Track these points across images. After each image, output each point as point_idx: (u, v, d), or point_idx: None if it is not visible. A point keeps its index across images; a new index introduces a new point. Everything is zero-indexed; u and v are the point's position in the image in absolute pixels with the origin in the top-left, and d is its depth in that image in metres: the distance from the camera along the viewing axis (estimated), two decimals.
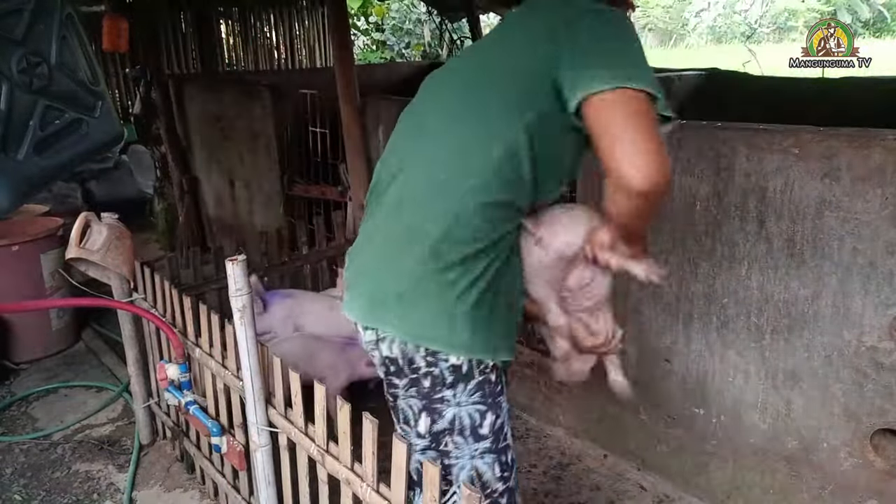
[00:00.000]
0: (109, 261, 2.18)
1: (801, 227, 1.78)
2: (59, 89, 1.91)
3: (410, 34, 11.44)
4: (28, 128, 1.82)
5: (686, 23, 23.68)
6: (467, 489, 1.12)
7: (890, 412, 1.73)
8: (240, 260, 1.60)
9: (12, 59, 1.77)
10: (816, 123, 1.78)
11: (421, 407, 1.27)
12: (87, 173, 5.69)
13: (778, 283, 1.86)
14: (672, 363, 2.18)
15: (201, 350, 2.05)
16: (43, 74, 1.85)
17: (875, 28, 18.81)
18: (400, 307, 1.20)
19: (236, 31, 7.42)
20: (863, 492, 1.84)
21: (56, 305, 3.35)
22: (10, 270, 3.20)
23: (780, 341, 1.90)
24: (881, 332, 1.70)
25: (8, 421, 2.82)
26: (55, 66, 1.90)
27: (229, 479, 2.12)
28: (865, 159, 1.63)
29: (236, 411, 1.95)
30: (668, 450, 2.28)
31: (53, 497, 2.34)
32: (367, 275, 1.28)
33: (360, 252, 1.33)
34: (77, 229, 2.13)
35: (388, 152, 1.37)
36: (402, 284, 1.20)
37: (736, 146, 1.86)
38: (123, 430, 2.72)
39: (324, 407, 1.55)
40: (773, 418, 1.97)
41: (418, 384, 1.24)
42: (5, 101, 1.74)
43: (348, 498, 1.50)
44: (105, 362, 3.28)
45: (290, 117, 3.70)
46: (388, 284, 1.22)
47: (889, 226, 1.63)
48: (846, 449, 1.84)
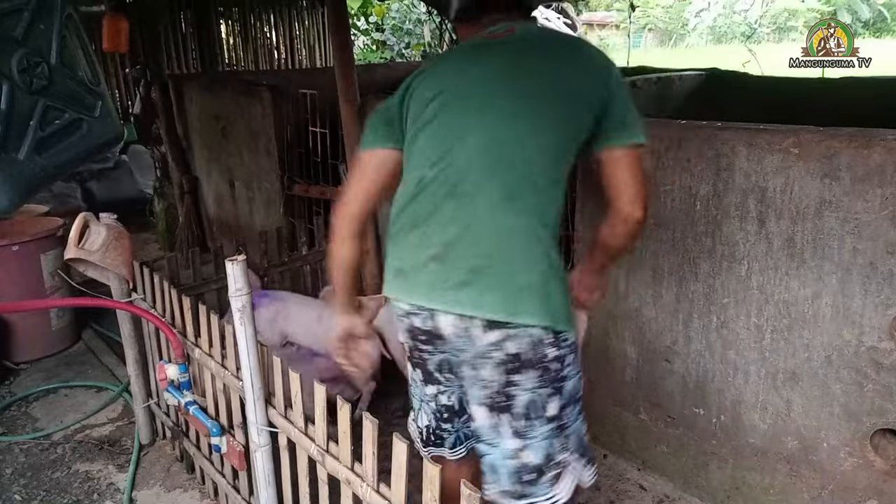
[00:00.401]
0: (108, 261, 2.18)
1: (801, 227, 1.78)
2: (60, 89, 1.91)
3: (410, 34, 11.44)
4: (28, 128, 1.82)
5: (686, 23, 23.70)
6: (467, 489, 1.12)
7: (890, 412, 1.73)
8: (240, 260, 1.60)
9: (13, 59, 1.77)
10: (816, 123, 1.79)
11: (550, 392, 1.36)
12: (87, 173, 5.69)
13: (778, 283, 1.87)
14: (672, 363, 2.18)
15: (201, 350, 2.05)
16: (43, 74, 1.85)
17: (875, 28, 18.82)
18: (536, 297, 1.30)
19: (236, 31, 7.42)
20: (863, 492, 1.84)
21: (55, 305, 3.35)
22: (10, 270, 3.20)
23: (780, 341, 1.90)
24: (881, 332, 1.70)
25: (8, 421, 2.82)
26: (55, 66, 1.90)
27: (229, 480, 2.12)
28: (865, 159, 1.63)
29: (236, 411, 1.95)
30: (668, 450, 2.28)
31: (53, 497, 2.34)
32: (490, 272, 1.30)
33: (454, 249, 1.32)
34: (76, 230, 2.13)
35: (438, 139, 1.38)
36: (532, 276, 1.30)
37: (736, 146, 1.86)
38: (123, 430, 2.72)
39: (324, 407, 1.55)
40: (773, 418, 1.97)
41: (547, 371, 1.34)
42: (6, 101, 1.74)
43: (348, 498, 1.50)
44: (105, 362, 3.28)
45: (290, 117, 3.70)
46: (520, 278, 1.30)
47: (889, 226, 1.63)
48: (846, 449, 1.84)
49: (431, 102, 1.40)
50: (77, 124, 1.98)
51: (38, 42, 1.86)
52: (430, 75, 1.46)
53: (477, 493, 1.11)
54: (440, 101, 1.39)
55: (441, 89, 1.40)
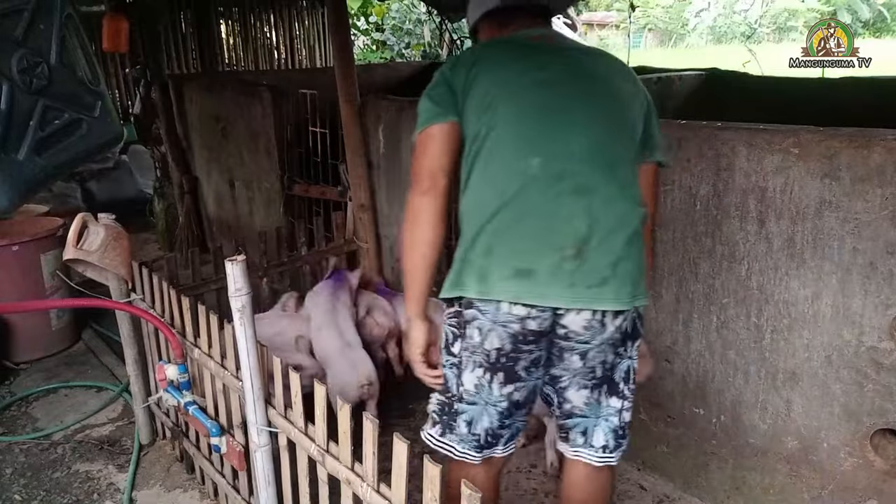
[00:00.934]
0: (107, 261, 2.17)
1: (801, 227, 1.78)
2: (59, 89, 1.91)
3: (410, 34, 11.44)
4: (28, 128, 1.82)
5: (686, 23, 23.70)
6: (468, 489, 1.12)
7: (890, 412, 1.73)
8: (239, 260, 1.60)
9: (12, 59, 1.77)
10: (816, 123, 1.79)
11: (633, 363, 1.53)
12: (87, 173, 5.69)
13: (778, 283, 1.86)
14: (672, 363, 2.18)
15: (200, 350, 2.05)
16: (43, 74, 1.85)
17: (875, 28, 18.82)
18: (643, 279, 1.44)
19: (236, 31, 7.42)
20: (863, 492, 1.84)
21: (54, 306, 3.36)
22: (10, 270, 3.20)
23: (780, 341, 1.90)
24: (881, 332, 1.70)
25: (8, 421, 2.82)
26: (55, 66, 1.90)
27: (229, 480, 2.12)
28: (865, 159, 1.63)
29: (235, 411, 1.95)
30: (668, 450, 2.28)
31: (53, 497, 2.34)
32: (624, 264, 1.38)
33: (589, 246, 1.34)
34: (74, 230, 2.13)
35: (533, 134, 1.39)
36: (642, 261, 1.44)
37: (736, 146, 1.86)
38: (123, 430, 2.72)
39: (324, 407, 1.55)
40: (773, 418, 1.97)
41: (636, 340, 1.51)
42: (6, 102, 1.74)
43: (348, 498, 1.50)
44: (105, 362, 3.28)
45: (290, 117, 3.70)
46: (641, 265, 1.43)
47: (889, 226, 1.63)
48: (846, 449, 1.84)
49: (504, 97, 1.40)
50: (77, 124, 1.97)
51: (38, 42, 1.86)
52: (492, 67, 1.44)
53: (478, 493, 1.11)
54: (520, 98, 1.40)
55: (515, 85, 1.41)
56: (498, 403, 1.47)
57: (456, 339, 1.50)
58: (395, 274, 3.23)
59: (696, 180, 1.97)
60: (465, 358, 1.47)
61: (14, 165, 1.79)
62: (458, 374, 1.49)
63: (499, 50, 1.51)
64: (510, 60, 1.46)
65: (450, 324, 1.52)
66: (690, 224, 2.01)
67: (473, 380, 1.46)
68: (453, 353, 1.51)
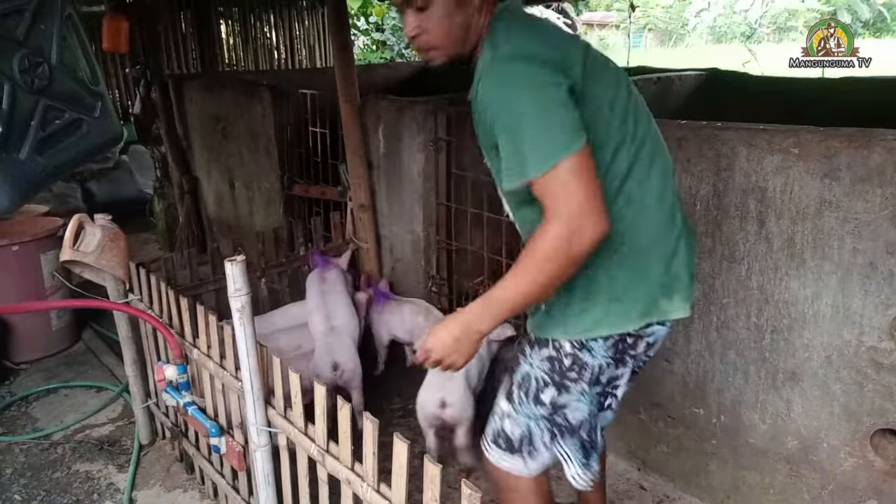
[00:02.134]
0: (104, 262, 2.17)
1: (801, 227, 1.78)
2: (60, 89, 1.91)
3: None
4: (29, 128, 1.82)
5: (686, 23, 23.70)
6: (468, 489, 1.12)
7: (890, 412, 1.73)
8: (239, 260, 1.60)
9: (13, 59, 1.77)
10: (816, 123, 1.78)
11: None
12: (87, 173, 5.69)
13: (778, 283, 1.86)
14: (672, 363, 2.18)
15: (199, 351, 2.05)
16: (44, 74, 1.85)
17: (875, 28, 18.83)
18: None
19: (236, 31, 7.42)
20: (863, 492, 1.84)
21: (54, 307, 3.35)
22: (10, 270, 3.20)
23: (780, 341, 1.90)
24: (881, 332, 1.70)
25: (8, 421, 2.82)
26: (56, 66, 1.90)
27: (229, 480, 2.12)
28: (865, 159, 1.63)
29: (235, 412, 1.95)
30: (668, 450, 2.28)
31: (53, 497, 2.34)
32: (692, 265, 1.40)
33: (686, 256, 1.37)
34: (70, 231, 2.13)
35: (628, 134, 1.28)
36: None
37: (736, 146, 1.86)
38: (123, 430, 2.72)
39: (324, 407, 1.55)
40: (773, 418, 1.97)
41: None
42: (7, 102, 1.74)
43: (348, 498, 1.50)
44: (105, 362, 3.28)
45: (290, 117, 3.70)
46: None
47: (889, 226, 1.63)
48: (846, 449, 1.84)
49: (611, 103, 1.26)
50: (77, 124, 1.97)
51: (39, 42, 1.86)
52: (574, 64, 1.21)
53: (478, 492, 1.11)
54: (614, 105, 1.27)
55: (604, 85, 1.27)
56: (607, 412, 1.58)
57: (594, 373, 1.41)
58: (397, 275, 3.23)
59: (696, 180, 1.97)
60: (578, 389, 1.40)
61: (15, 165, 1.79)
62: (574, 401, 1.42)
63: (552, 36, 1.28)
64: (576, 57, 1.24)
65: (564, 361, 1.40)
66: None
67: (579, 398, 1.41)
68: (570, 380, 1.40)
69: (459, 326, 1.27)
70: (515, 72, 1.16)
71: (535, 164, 1.12)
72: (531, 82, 1.14)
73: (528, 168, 1.13)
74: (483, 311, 1.26)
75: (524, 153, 1.13)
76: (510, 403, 1.45)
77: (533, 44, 1.21)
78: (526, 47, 1.19)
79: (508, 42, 1.21)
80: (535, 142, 1.13)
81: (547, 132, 1.12)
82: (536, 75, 1.15)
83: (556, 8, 11.48)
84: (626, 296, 1.31)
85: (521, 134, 1.13)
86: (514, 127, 1.14)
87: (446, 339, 1.28)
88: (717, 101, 4.04)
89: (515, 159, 1.15)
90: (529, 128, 1.13)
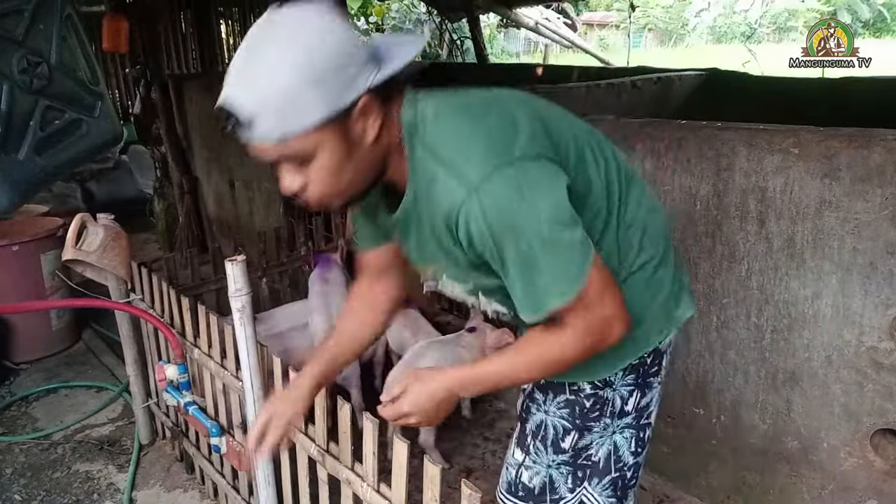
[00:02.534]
0: (106, 262, 2.17)
1: (801, 227, 1.78)
2: (59, 89, 1.91)
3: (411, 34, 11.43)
4: (28, 128, 1.83)
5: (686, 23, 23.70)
6: (468, 489, 1.12)
7: (890, 412, 1.73)
8: (239, 260, 1.60)
9: (13, 59, 1.77)
10: (816, 123, 1.78)
11: None
12: (87, 173, 5.69)
13: (778, 283, 1.86)
14: (672, 363, 2.17)
15: (200, 350, 2.05)
16: (43, 74, 1.86)
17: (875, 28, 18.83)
18: None
19: (236, 31, 7.42)
20: (863, 492, 1.84)
21: (54, 306, 3.36)
22: (10, 270, 3.20)
23: (780, 341, 1.90)
24: (881, 332, 1.70)
25: (8, 421, 2.82)
26: (55, 66, 1.90)
27: (229, 480, 2.12)
28: (865, 159, 1.63)
29: (235, 411, 1.95)
30: (668, 450, 2.28)
31: (53, 497, 2.34)
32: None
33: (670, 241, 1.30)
34: (73, 231, 2.13)
35: (610, 165, 1.15)
36: None
37: (736, 146, 1.86)
38: (123, 430, 2.72)
39: (324, 407, 1.55)
40: (773, 418, 1.97)
41: None
42: (6, 102, 1.74)
43: (348, 498, 1.50)
44: (105, 362, 3.28)
45: None
46: None
47: (889, 226, 1.63)
48: (846, 449, 1.84)
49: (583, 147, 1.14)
50: (77, 124, 1.98)
51: (39, 42, 1.86)
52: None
53: (478, 493, 1.11)
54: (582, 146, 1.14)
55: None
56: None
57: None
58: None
59: (696, 180, 1.97)
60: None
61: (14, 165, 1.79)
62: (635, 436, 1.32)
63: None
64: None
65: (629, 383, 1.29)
66: (690, 224, 2.01)
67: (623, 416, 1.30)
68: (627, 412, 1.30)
69: (443, 393, 1.12)
70: (510, 197, 0.95)
71: (559, 294, 0.99)
72: (535, 210, 0.96)
73: (551, 300, 1.00)
74: (471, 384, 1.13)
75: (541, 285, 1.00)
76: (525, 454, 1.32)
77: (504, 146, 0.97)
78: (495, 158, 0.96)
79: (470, 159, 0.96)
80: (554, 272, 0.98)
81: (563, 256, 0.98)
82: (537, 190, 0.96)
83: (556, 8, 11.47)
84: (645, 315, 1.20)
85: (537, 266, 0.98)
86: (527, 261, 0.98)
87: (427, 405, 1.13)
88: (717, 101, 4.03)
89: (531, 292, 1.01)
90: (544, 257, 0.97)
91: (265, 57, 0.90)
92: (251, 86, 0.90)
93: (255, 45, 0.92)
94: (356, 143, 0.98)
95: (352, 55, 0.92)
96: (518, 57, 18.85)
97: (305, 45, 0.89)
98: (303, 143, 0.94)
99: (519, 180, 0.95)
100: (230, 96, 0.92)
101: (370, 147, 1.00)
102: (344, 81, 0.92)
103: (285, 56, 0.89)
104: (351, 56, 0.92)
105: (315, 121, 0.91)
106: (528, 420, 1.32)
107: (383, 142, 1.01)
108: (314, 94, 0.90)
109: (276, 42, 0.90)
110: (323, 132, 0.93)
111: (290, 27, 0.90)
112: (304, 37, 0.90)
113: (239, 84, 0.92)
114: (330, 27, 0.91)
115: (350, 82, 0.92)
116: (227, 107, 0.92)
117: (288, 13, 0.91)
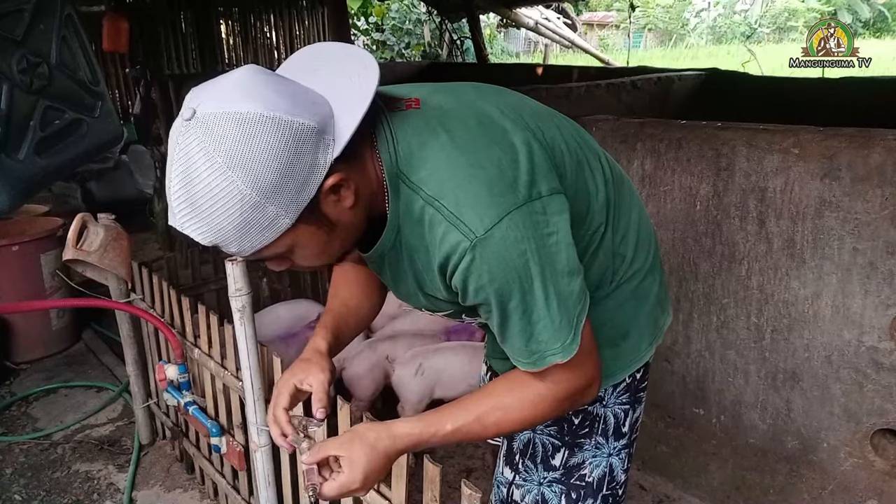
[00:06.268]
0: (107, 262, 2.17)
1: (801, 227, 1.78)
2: (59, 89, 1.91)
3: (410, 34, 11.46)
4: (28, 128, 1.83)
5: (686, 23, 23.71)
6: (468, 489, 1.12)
7: (890, 412, 1.73)
8: (240, 260, 1.60)
9: (13, 59, 1.77)
10: (816, 123, 1.79)
11: None
12: (87, 173, 5.68)
13: (778, 283, 1.87)
14: (672, 363, 2.18)
15: (200, 350, 2.05)
16: (43, 74, 1.86)
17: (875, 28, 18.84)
18: None
19: (236, 31, 7.42)
20: (863, 492, 1.84)
21: (54, 306, 3.35)
22: (10, 270, 3.19)
23: (780, 341, 1.90)
24: (881, 332, 1.70)
25: (8, 421, 2.82)
26: (55, 66, 1.90)
27: (229, 480, 2.12)
28: (865, 159, 1.63)
29: (236, 411, 1.95)
30: (668, 450, 2.28)
31: (53, 497, 2.34)
32: None
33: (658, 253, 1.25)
34: (73, 230, 2.13)
35: (604, 176, 1.08)
36: None
37: (736, 146, 1.86)
38: (123, 430, 2.72)
39: None
40: (773, 418, 1.97)
41: None
42: (6, 102, 1.74)
43: (348, 498, 1.50)
44: (105, 362, 3.28)
45: None
46: None
47: (889, 226, 1.63)
48: (846, 449, 1.84)
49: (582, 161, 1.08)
50: (77, 124, 1.98)
51: (38, 42, 1.86)
52: None
53: (478, 492, 1.11)
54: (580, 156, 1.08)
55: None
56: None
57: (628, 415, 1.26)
58: None
59: (696, 180, 1.97)
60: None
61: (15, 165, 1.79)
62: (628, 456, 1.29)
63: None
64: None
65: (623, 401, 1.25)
66: (690, 224, 2.01)
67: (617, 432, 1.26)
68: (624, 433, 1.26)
69: (384, 460, 0.99)
70: (513, 246, 0.87)
71: (561, 351, 0.93)
72: (542, 263, 0.89)
73: (555, 357, 0.93)
74: (417, 443, 0.99)
75: (543, 339, 0.93)
76: (515, 473, 1.27)
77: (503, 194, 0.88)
78: (499, 204, 0.87)
79: (473, 206, 0.87)
80: (557, 327, 0.92)
81: (567, 311, 0.92)
82: (542, 236, 0.89)
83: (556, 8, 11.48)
84: (633, 327, 1.16)
85: (541, 321, 0.92)
86: (531, 315, 0.92)
87: (370, 478, 0.99)
88: (717, 101, 4.04)
89: (534, 348, 0.94)
90: (548, 312, 0.91)
91: (207, 187, 0.79)
92: (203, 220, 0.81)
93: (190, 171, 0.80)
94: (335, 220, 0.90)
95: (299, 145, 0.80)
96: (518, 57, 18.88)
97: (243, 166, 0.78)
98: (278, 247, 0.88)
99: (526, 231, 0.87)
100: (185, 227, 0.83)
101: (351, 213, 0.91)
102: (301, 177, 0.81)
103: (228, 187, 0.78)
104: (298, 147, 0.80)
105: (283, 228, 0.84)
106: (514, 438, 1.26)
107: (364, 197, 0.92)
108: (274, 209, 0.81)
109: (213, 168, 0.78)
110: (296, 229, 0.86)
111: (222, 146, 0.78)
112: (240, 155, 0.78)
113: (190, 217, 0.82)
114: (261, 129, 0.78)
115: (308, 174, 0.81)
116: (185, 233, 0.84)
117: (210, 126, 0.79)
